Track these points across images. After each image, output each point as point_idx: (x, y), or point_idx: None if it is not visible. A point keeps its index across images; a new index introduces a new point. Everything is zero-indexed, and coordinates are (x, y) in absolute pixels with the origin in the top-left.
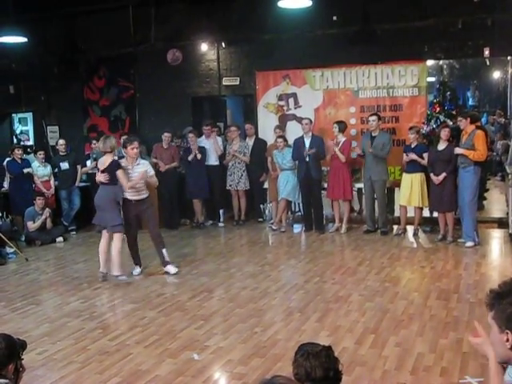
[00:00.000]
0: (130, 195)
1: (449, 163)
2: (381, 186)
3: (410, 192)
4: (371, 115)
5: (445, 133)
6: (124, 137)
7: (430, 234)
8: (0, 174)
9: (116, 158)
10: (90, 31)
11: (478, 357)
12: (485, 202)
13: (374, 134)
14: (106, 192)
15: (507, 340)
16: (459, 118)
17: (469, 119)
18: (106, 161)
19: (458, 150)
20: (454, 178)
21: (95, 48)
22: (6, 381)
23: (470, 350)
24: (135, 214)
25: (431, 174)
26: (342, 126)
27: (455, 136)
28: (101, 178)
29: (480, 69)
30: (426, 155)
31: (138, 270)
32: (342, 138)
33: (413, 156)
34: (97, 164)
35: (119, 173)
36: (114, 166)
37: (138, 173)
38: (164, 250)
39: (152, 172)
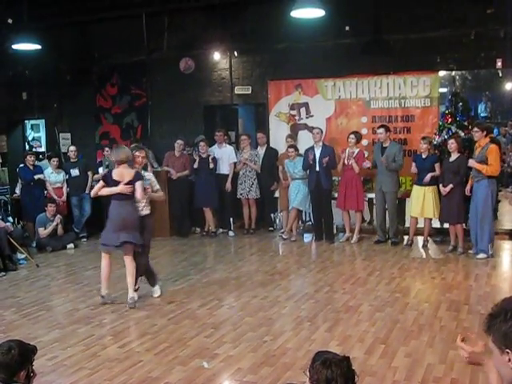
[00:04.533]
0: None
1: (457, 175)
2: (392, 197)
3: (423, 204)
4: (379, 127)
5: (450, 145)
6: (132, 145)
7: (441, 245)
8: (12, 180)
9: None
10: (103, 39)
11: None
12: (497, 214)
13: (384, 145)
14: (134, 207)
15: (509, 360)
16: (475, 129)
17: (485, 132)
18: (124, 172)
19: (471, 163)
20: (462, 189)
21: (108, 56)
22: None
23: (463, 353)
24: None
25: (440, 185)
26: (359, 136)
27: (467, 147)
28: (128, 189)
29: (492, 80)
30: (437, 166)
31: (158, 290)
32: (355, 149)
33: (427, 178)
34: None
35: (140, 184)
36: (138, 178)
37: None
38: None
39: (157, 186)
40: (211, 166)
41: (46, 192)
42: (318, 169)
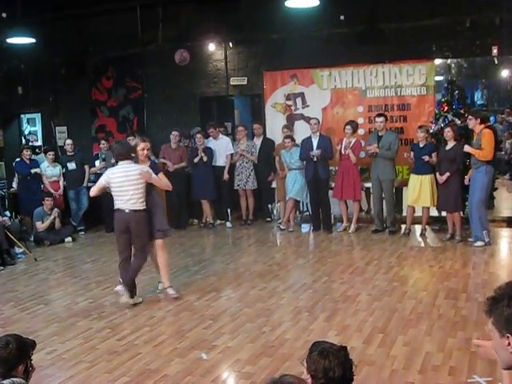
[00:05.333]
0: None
1: (454, 163)
2: (389, 186)
3: (420, 192)
4: (378, 116)
5: (446, 133)
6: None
7: (439, 234)
8: (9, 174)
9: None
10: (98, 32)
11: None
12: (494, 202)
13: (380, 134)
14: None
15: (509, 344)
16: (469, 117)
17: (479, 120)
18: None
19: (466, 148)
20: (459, 177)
21: (103, 49)
22: (23, 381)
23: (478, 350)
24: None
25: (437, 174)
26: (355, 125)
27: (463, 135)
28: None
29: (488, 67)
30: (434, 155)
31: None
32: (352, 139)
33: (426, 158)
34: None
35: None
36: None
37: None
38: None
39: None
40: (204, 158)
41: (42, 186)
42: (314, 159)
